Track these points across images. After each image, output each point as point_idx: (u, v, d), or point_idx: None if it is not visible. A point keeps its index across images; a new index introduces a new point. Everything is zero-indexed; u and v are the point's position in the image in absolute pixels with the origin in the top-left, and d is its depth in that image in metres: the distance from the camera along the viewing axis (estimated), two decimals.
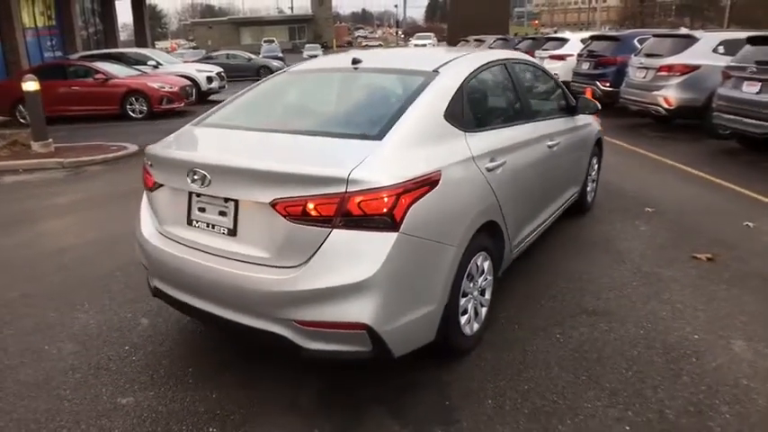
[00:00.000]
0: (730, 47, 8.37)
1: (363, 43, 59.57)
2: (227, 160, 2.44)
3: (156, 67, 14.83)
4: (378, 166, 2.22)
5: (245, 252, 2.36)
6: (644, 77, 9.42)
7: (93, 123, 12.05)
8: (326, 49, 48.86)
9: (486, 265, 2.93)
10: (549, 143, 3.73)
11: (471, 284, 2.79)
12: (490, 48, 19.65)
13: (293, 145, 2.57)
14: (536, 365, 2.83)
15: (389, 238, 2.18)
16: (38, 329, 3.37)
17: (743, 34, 7.99)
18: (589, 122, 4.81)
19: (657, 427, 2.39)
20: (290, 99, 3.38)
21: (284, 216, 2.21)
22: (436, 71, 2.90)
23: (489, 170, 2.83)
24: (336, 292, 2.15)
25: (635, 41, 11.00)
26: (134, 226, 3.04)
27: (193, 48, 38.93)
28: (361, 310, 2.15)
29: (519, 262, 3.68)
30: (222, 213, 2.46)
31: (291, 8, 78.62)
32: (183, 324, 3.37)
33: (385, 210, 2.15)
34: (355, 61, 3.14)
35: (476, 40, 22.61)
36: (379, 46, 55.47)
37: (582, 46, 13.02)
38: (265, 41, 44.73)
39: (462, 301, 2.71)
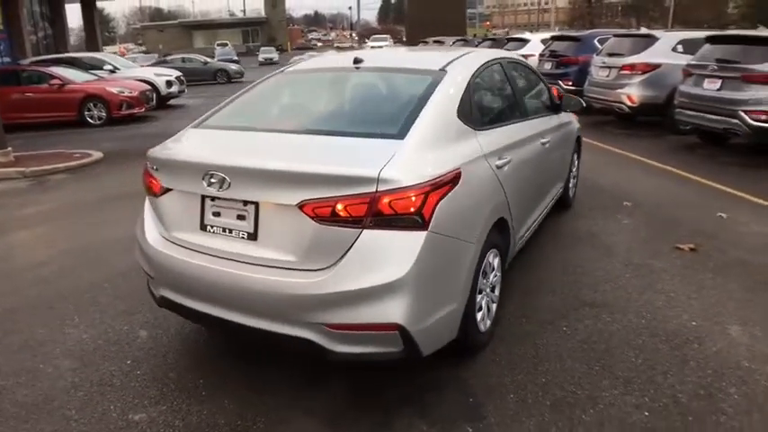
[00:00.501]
0: (688, 46, 8.76)
1: (335, 45, 55.47)
2: (248, 162, 2.37)
3: (112, 71, 14.35)
4: (404, 164, 2.22)
5: (268, 256, 2.31)
6: (607, 76, 9.73)
7: (51, 131, 11.57)
8: (282, 52, 48.47)
9: (497, 261, 2.97)
10: (542, 140, 3.81)
11: (485, 281, 2.82)
12: None
13: (314, 145, 2.54)
14: (549, 358, 2.88)
15: (419, 237, 2.18)
16: (27, 346, 3.21)
17: (700, 34, 8.37)
18: (570, 120, 4.94)
19: (674, 411, 2.47)
20: (297, 99, 3.33)
21: (312, 218, 2.18)
22: (443, 70, 2.92)
23: (498, 168, 2.87)
24: (368, 294, 2.13)
25: (595, 41, 11.36)
26: (136, 233, 2.93)
27: (144, 52, 37.77)
28: (393, 311, 2.15)
29: (513, 258, 3.74)
30: (240, 217, 2.40)
31: (244, 11, 77.43)
32: (185, 334, 3.28)
33: (414, 209, 2.16)
34: (357, 61, 3.13)
35: (435, 41, 22.85)
36: (351, 48, 54.86)
37: (543, 46, 13.34)
38: (218, 45, 44.06)
39: (478, 297, 2.73)
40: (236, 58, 32.28)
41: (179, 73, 15.84)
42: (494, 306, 3.03)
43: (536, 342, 3.04)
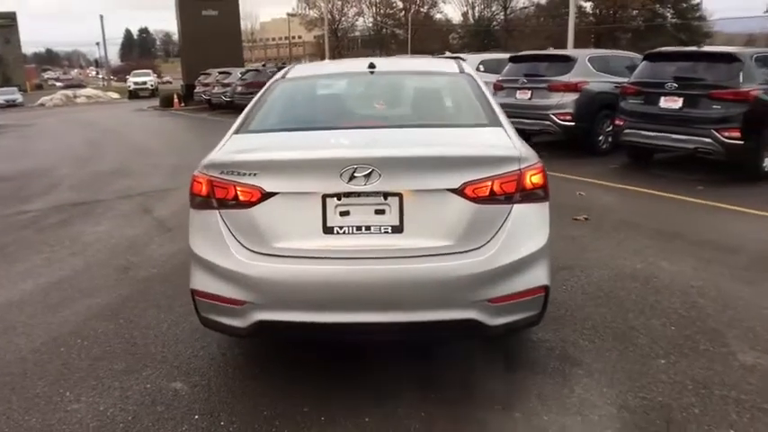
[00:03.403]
0: (488, 65, 10.60)
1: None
2: (400, 152, 2.41)
3: None
4: (522, 146, 2.55)
5: (420, 245, 2.34)
6: None
7: None
8: (24, 92, 42.28)
9: None
10: None
11: None
12: (242, 79, 20.02)
13: (431, 135, 2.70)
14: (578, 309, 3.46)
15: (546, 207, 2.54)
16: None
17: (497, 56, 10.22)
18: None
19: (685, 322, 3.26)
20: (352, 100, 3.39)
21: (472, 199, 2.33)
22: (465, 72, 3.34)
23: None
24: (525, 262, 2.39)
25: None
26: (206, 258, 2.55)
27: None
28: (541, 274, 2.46)
29: None
30: (379, 212, 2.36)
31: None
32: (230, 373, 2.98)
33: (541, 183, 2.50)
34: (371, 66, 3.33)
35: (220, 72, 22.64)
36: (104, 85, 47.95)
37: None
38: None
39: None
40: None
41: None
42: None
43: (556, 300, 3.58)
